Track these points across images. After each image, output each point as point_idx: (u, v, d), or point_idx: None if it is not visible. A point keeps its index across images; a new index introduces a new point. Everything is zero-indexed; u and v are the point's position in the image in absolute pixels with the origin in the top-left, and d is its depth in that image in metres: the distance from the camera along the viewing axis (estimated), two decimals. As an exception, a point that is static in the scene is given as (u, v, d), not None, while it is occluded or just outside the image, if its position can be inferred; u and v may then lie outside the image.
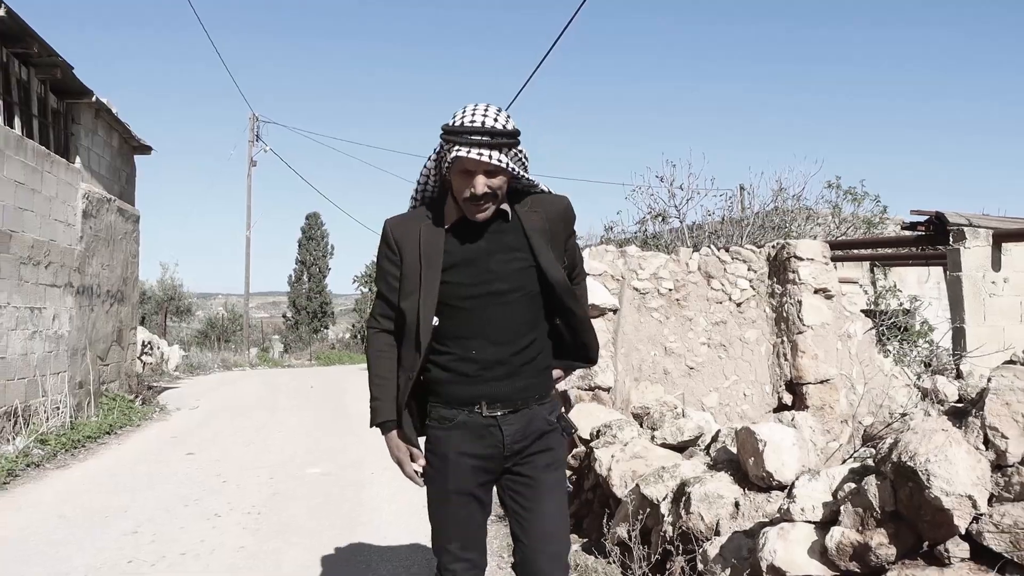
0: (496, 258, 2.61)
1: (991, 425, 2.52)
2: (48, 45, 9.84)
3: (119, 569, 4.84)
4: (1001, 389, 2.54)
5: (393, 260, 2.67)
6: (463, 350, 2.60)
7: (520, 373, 2.61)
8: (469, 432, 2.61)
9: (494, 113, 2.49)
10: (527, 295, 2.62)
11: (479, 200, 2.50)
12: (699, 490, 3.66)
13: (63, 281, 10.33)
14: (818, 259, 7.13)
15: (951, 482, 2.44)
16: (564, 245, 2.74)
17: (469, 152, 2.43)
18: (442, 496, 2.65)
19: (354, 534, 5.53)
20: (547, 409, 2.68)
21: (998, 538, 2.43)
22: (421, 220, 2.67)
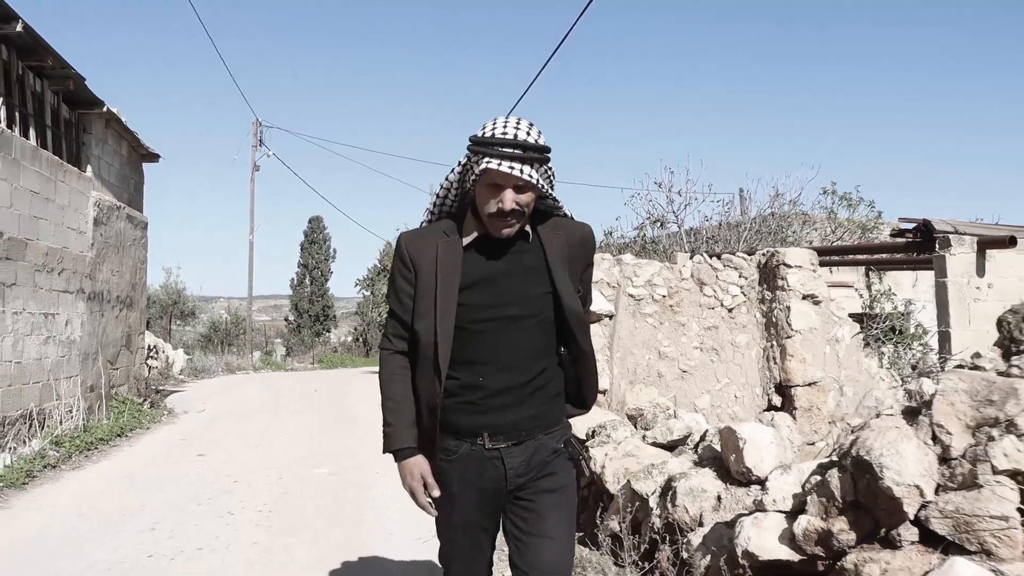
0: (514, 280, 2.51)
1: (938, 423, 2.81)
2: (61, 57, 10.15)
3: (140, 563, 5.12)
4: (947, 391, 2.83)
5: (408, 278, 2.55)
6: (471, 376, 2.50)
7: (527, 401, 2.51)
8: (473, 465, 2.52)
9: (527, 127, 2.41)
10: (542, 322, 2.53)
11: (506, 216, 2.41)
12: (684, 485, 3.96)
13: (75, 287, 10.63)
14: (806, 266, 7.42)
15: (901, 473, 2.73)
16: (580, 275, 2.64)
17: (500, 165, 2.35)
18: (448, 528, 2.60)
19: (361, 532, 5.82)
20: (555, 438, 2.57)
21: (942, 523, 2.71)
22: (438, 236, 2.56)
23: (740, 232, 17.51)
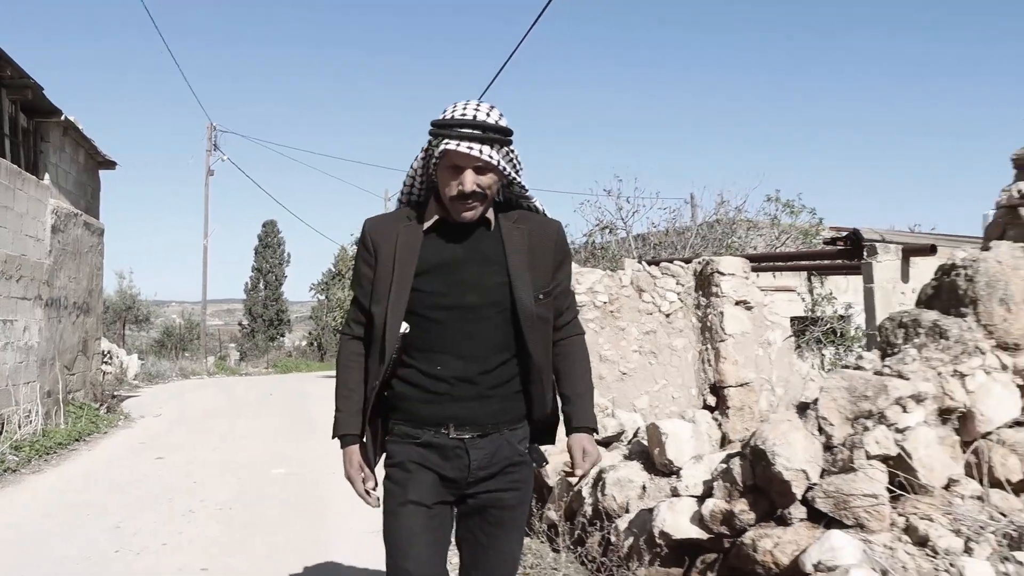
0: (470, 268, 2.47)
1: (822, 416, 3.24)
2: (20, 68, 10.34)
3: (107, 557, 5.40)
4: (830, 388, 3.27)
5: (368, 262, 2.55)
6: (429, 365, 2.46)
7: (490, 395, 2.47)
8: (435, 451, 2.47)
9: (486, 108, 2.41)
10: (501, 313, 2.46)
11: (467, 198, 2.39)
12: (613, 476, 4.37)
13: (33, 294, 10.80)
14: (739, 274, 7.89)
15: (790, 460, 3.15)
16: (551, 275, 2.56)
17: (459, 145, 2.34)
18: (401, 508, 2.47)
19: (316, 525, 6.16)
20: (517, 436, 2.53)
21: (825, 502, 3.14)
22: (401, 221, 2.55)
23: (687, 238, 18.07)
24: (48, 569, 5.09)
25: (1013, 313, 3.35)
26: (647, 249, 17.87)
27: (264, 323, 48.98)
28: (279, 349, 46.94)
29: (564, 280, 2.63)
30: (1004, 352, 3.38)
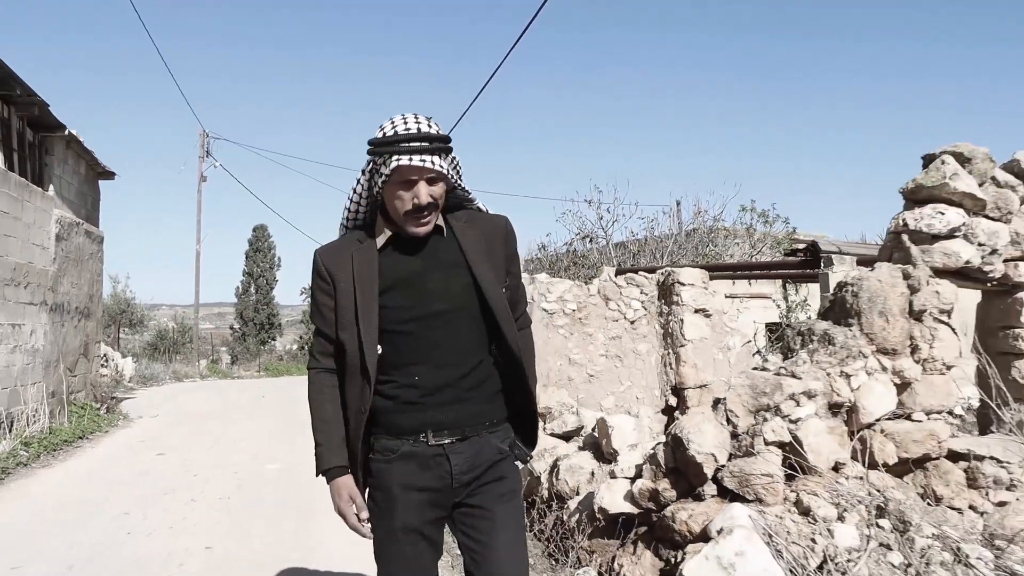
0: (434, 276, 2.47)
1: (730, 409, 3.90)
2: (28, 86, 10.95)
3: (120, 539, 6.02)
4: (736, 386, 3.93)
5: (327, 291, 2.53)
6: (406, 377, 2.46)
7: (468, 398, 2.47)
8: (415, 463, 2.46)
9: (425, 120, 2.41)
10: (469, 314, 2.47)
11: (423, 211, 2.40)
12: (566, 463, 5.02)
13: (39, 299, 11.40)
14: (698, 284, 8.57)
15: (702, 445, 3.81)
16: (506, 269, 2.58)
17: (411, 160, 2.34)
18: (389, 535, 2.48)
19: (308, 515, 6.78)
20: (499, 437, 2.53)
21: (732, 480, 3.79)
22: (352, 245, 2.53)
23: (665, 246, 18.75)
24: (68, 551, 5.70)
25: (891, 324, 4.01)
26: (626, 257, 18.55)
27: (255, 327, 49.14)
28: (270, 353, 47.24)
29: (516, 271, 2.66)
30: (884, 356, 4.05)
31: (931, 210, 4.25)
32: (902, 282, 4.08)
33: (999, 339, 4.71)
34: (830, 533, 3.48)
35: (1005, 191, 4.44)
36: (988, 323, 4.78)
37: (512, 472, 2.56)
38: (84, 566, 5.31)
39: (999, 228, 4.37)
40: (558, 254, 18.95)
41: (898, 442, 4.03)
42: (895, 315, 4.01)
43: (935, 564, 3.41)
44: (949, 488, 4.20)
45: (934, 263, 4.22)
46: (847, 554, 3.39)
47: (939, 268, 4.23)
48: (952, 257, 4.21)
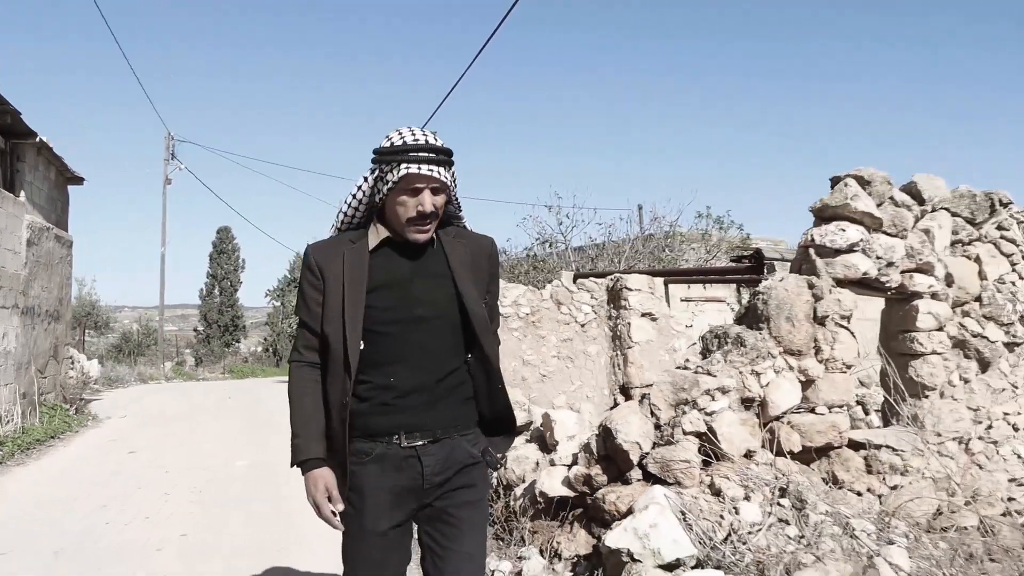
0: (419, 283, 2.57)
1: (653, 403, 4.43)
2: (1, 96, 11.26)
3: (99, 529, 6.43)
4: (660, 383, 4.45)
5: (316, 285, 2.59)
6: (382, 377, 2.54)
7: (440, 402, 2.55)
8: (388, 464, 2.53)
9: (431, 134, 2.53)
10: (449, 323, 2.57)
11: (426, 218, 2.50)
12: (513, 454, 5.53)
13: (11, 303, 11.71)
14: (644, 290, 9.12)
15: (628, 435, 4.33)
16: (487, 287, 2.70)
17: (420, 168, 2.45)
18: (358, 535, 2.55)
19: (278, 504, 7.23)
20: (470, 441, 2.61)
21: (655, 466, 4.31)
22: (344, 245, 2.62)
23: (622, 251, 19.35)
24: (53, 541, 6.09)
25: (796, 328, 4.56)
26: (585, 261, 19.12)
27: (219, 329, 49.02)
28: (235, 355, 47.28)
29: (495, 291, 2.79)
30: (790, 356, 4.60)
31: (834, 227, 4.81)
32: (807, 291, 4.63)
33: (899, 342, 5.28)
34: (736, 511, 4.01)
35: (902, 210, 5.01)
36: (890, 328, 5.35)
37: (482, 480, 2.66)
38: (69, 552, 5.72)
39: (895, 243, 4.93)
40: (518, 259, 19.46)
41: (803, 432, 4.57)
42: (800, 320, 4.56)
43: (826, 536, 3.95)
44: (849, 474, 4.76)
45: (836, 274, 4.77)
46: (749, 527, 3.92)
47: (841, 279, 4.78)
48: (852, 269, 4.77)
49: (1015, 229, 5.61)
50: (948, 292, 5.26)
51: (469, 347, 2.60)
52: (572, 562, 4.46)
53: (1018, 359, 5.52)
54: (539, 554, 4.58)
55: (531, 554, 4.59)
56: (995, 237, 5.55)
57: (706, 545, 3.76)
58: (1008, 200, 5.63)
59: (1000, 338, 5.42)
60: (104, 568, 5.33)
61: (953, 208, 5.40)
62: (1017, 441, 5.42)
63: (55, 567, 5.38)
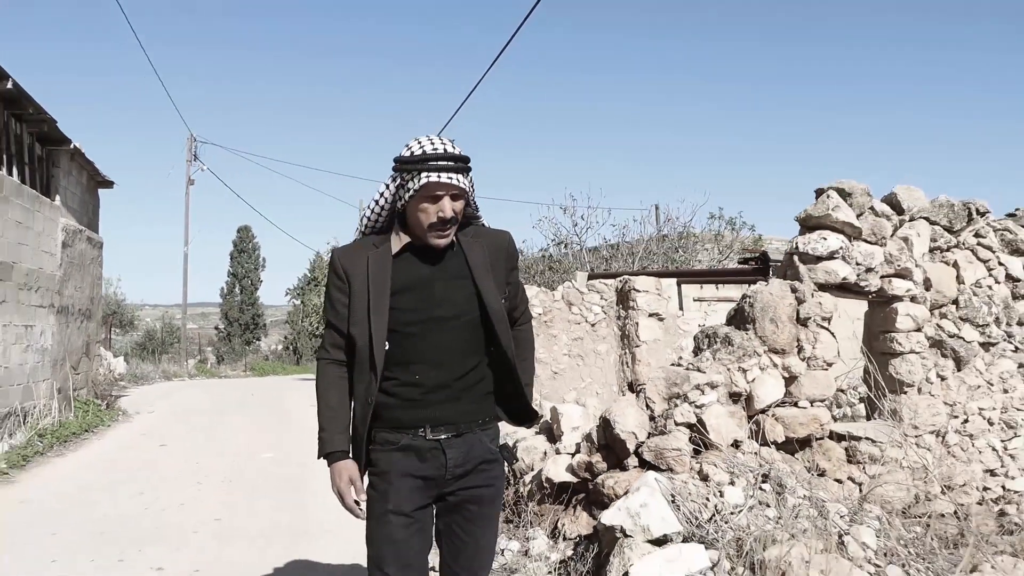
0: (440, 285, 2.69)
1: (648, 396, 4.86)
2: (39, 105, 11.80)
3: (138, 513, 6.92)
4: (654, 378, 4.88)
5: (342, 288, 2.71)
6: (407, 375, 2.67)
7: (462, 397, 2.70)
8: (413, 454, 2.68)
9: (449, 142, 2.63)
10: (469, 322, 2.69)
11: (447, 224, 2.62)
12: (524, 444, 5.97)
13: (48, 302, 12.26)
14: (652, 291, 9.54)
15: (625, 426, 4.76)
16: (506, 279, 2.82)
17: (440, 177, 2.56)
18: (381, 517, 2.68)
19: (302, 493, 7.71)
20: (489, 435, 2.78)
21: (649, 454, 4.73)
22: (368, 249, 2.74)
23: (636, 251, 19.77)
24: (94, 524, 6.58)
25: (779, 328, 4.98)
26: (599, 262, 19.54)
27: (240, 327, 49.64)
28: (255, 353, 47.92)
29: (516, 280, 2.93)
30: (774, 355, 5.01)
31: (816, 236, 5.21)
32: (791, 295, 5.04)
33: (880, 341, 5.67)
34: (721, 494, 4.43)
35: (881, 220, 5.41)
36: (872, 329, 5.74)
37: (499, 479, 2.83)
38: (112, 533, 6.22)
39: (875, 250, 5.34)
40: (534, 259, 19.90)
41: (786, 424, 4.98)
42: (784, 321, 4.98)
43: (802, 518, 4.37)
44: (831, 463, 5.17)
45: (818, 279, 5.18)
46: (732, 509, 4.34)
47: (823, 283, 5.19)
48: (832, 275, 5.18)
49: (991, 236, 6.00)
50: (926, 295, 5.66)
51: (489, 342, 2.75)
52: (574, 541, 4.89)
53: (993, 358, 5.91)
54: (544, 535, 5.03)
55: (538, 534, 5.03)
56: (972, 244, 5.94)
57: (692, 523, 4.19)
58: (985, 209, 6.02)
59: (976, 338, 5.82)
60: (146, 547, 5.81)
61: (932, 217, 5.80)
62: (992, 435, 5.81)
63: (101, 545, 5.87)
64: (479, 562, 2.80)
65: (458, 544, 2.77)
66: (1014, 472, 5.85)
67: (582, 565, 4.38)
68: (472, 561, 2.78)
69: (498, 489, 2.84)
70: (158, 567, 5.36)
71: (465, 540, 2.77)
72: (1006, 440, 5.88)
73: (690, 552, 3.81)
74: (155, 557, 5.58)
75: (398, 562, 2.67)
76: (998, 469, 5.83)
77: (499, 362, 2.78)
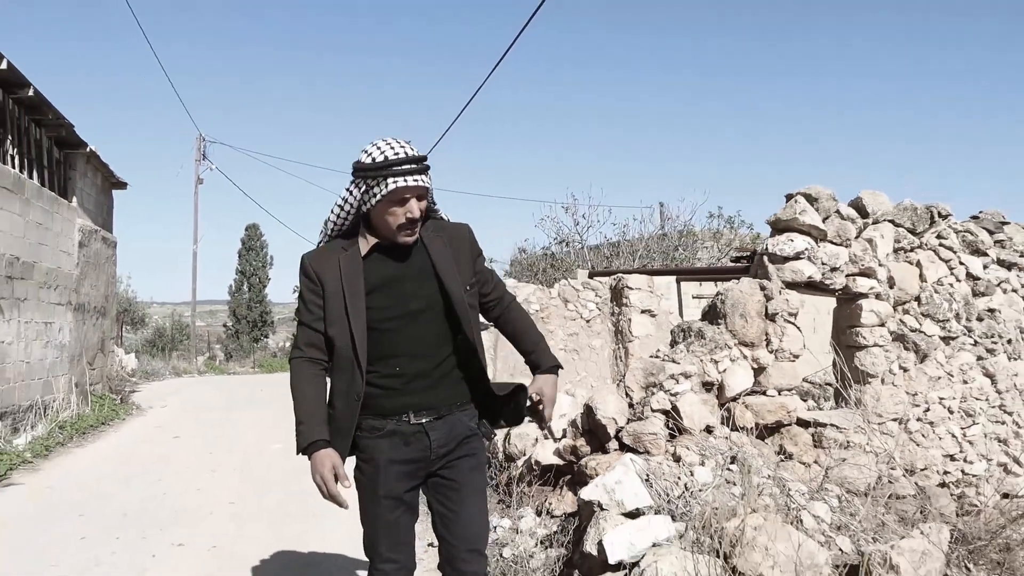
0: (409, 280, 2.82)
1: (628, 385, 5.30)
2: (58, 111, 12.28)
3: (157, 499, 7.39)
4: (633, 368, 5.32)
5: (315, 291, 2.83)
6: (388, 368, 2.81)
7: (441, 384, 2.86)
8: (399, 439, 2.82)
9: (407, 144, 2.74)
10: (439, 313, 2.84)
11: (415, 223, 2.75)
12: (515, 431, 6.42)
13: (65, 300, 12.75)
14: (644, 289, 9.97)
15: (606, 412, 5.20)
16: (472, 267, 2.96)
17: (407, 180, 2.66)
18: (373, 501, 2.85)
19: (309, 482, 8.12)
20: (468, 415, 2.93)
21: (628, 438, 5.16)
22: (337, 252, 2.85)
23: (636, 249, 20.20)
24: (117, 508, 7.05)
25: (749, 323, 5.42)
26: (600, 260, 19.98)
27: (248, 324, 49.89)
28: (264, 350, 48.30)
29: (482, 267, 3.05)
30: (744, 347, 5.45)
31: (784, 238, 5.66)
32: (759, 292, 5.48)
33: (847, 335, 6.10)
34: (691, 473, 4.88)
35: (846, 223, 5.85)
36: (840, 323, 6.17)
37: (480, 449, 2.99)
38: (135, 515, 6.69)
39: (840, 251, 5.77)
40: (536, 257, 20.34)
41: (755, 412, 5.42)
42: (753, 317, 5.42)
43: (765, 495, 4.81)
44: (798, 448, 5.61)
45: (785, 278, 5.62)
46: (701, 486, 4.78)
47: (790, 282, 5.63)
48: (798, 274, 5.62)
49: (953, 238, 6.43)
50: (890, 293, 6.09)
51: (456, 331, 2.88)
52: (561, 519, 5.35)
53: (953, 351, 6.34)
54: (533, 513, 5.48)
55: (527, 513, 5.48)
56: (935, 245, 6.37)
57: (663, 499, 4.63)
58: (947, 212, 6.45)
59: (937, 333, 6.25)
60: (167, 527, 6.28)
61: (897, 219, 6.23)
62: (952, 422, 6.25)
63: (126, 525, 6.34)
64: (472, 530, 2.91)
65: (450, 516, 2.90)
66: (972, 457, 6.28)
67: (564, 537, 4.84)
68: (466, 530, 2.89)
69: (480, 458, 2.98)
70: (179, 543, 5.83)
71: (457, 511, 2.89)
72: (965, 427, 6.31)
73: (658, 522, 4.25)
74: (176, 535, 6.04)
75: (391, 542, 2.86)
76: (957, 454, 6.26)
77: (465, 353, 2.91)
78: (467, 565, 2.88)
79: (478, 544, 2.93)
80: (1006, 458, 6.64)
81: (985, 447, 6.43)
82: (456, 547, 2.89)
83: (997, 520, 5.12)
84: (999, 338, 6.67)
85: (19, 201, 10.73)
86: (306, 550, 5.66)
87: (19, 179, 10.82)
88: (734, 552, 3.79)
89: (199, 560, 5.43)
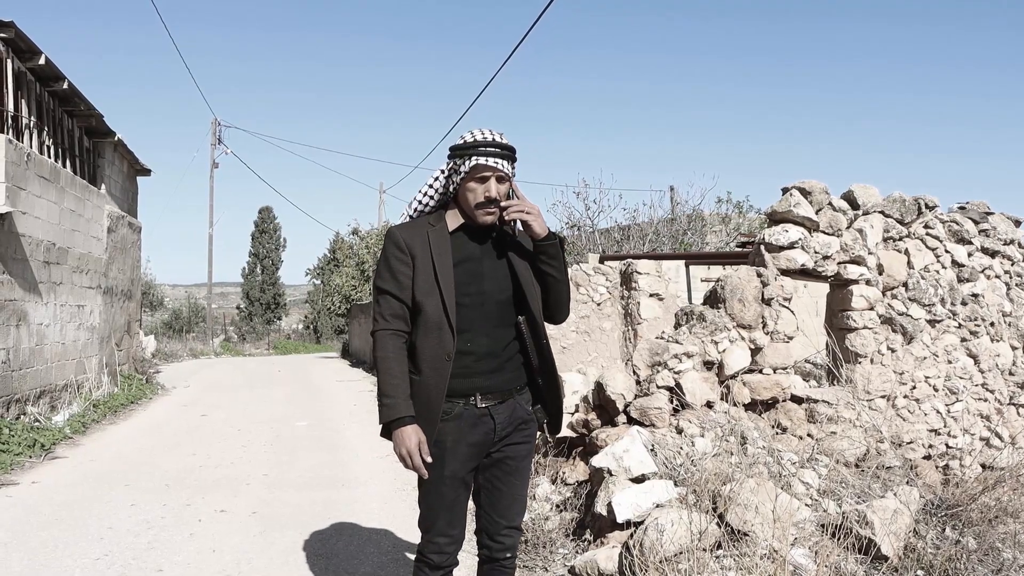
0: (487, 261, 2.97)
1: (635, 364, 5.78)
2: (89, 102, 12.79)
3: (195, 469, 7.91)
4: (640, 349, 5.80)
5: (404, 261, 2.92)
6: (462, 343, 2.89)
7: (505, 367, 2.97)
8: (466, 422, 2.91)
9: (498, 133, 2.93)
10: (508, 296, 2.97)
11: (492, 203, 2.89)
12: (531, 407, 6.91)
13: (95, 284, 13.29)
14: (652, 274, 10.43)
15: (615, 388, 5.68)
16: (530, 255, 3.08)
17: (487, 160, 2.85)
18: (439, 481, 2.92)
19: (336, 453, 8.69)
20: (524, 399, 3.06)
21: (636, 412, 5.64)
22: (423, 226, 2.99)
23: (646, 233, 20.62)
24: (159, 478, 7.57)
25: (746, 307, 5.89)
26: (611, 244, 20.42)
27: (261, 307, 50.51)
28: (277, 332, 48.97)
29: None
30: (742, 329, 5.92)
31: (780, 228, 6.11)
32: (756, 279, 5.95)
33: (838, 318, 6.56)
34: (692, 444, 5.36)
35: (838, 215, 6.30)
36: (832, 307, 6.63)
37: (533, 436, 3.15)
38: (176, 483, 7.21)
39: (831, 241, 6.23)
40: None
41: (752, 388, 5.89)
42: (750, 301, 5.89)
43: (759, 463, 5.30)
44: (792, 422, 6.08)
45: (780, 266, 6.07)
46: (701, 455, 5.27)
47: (785, 269, 6.09)
48: (792, 262, 6.07)
49: (939, 228, 6.88)
50: (879, 279, 6.54)
51: (520, 312, 3.01)
52: (574, 486, 5.84)
53: (939, 333, 6.80)
54: (548, 481, 5.98)
55: (542, 481, 5.98)
56: (922, 234, 6.81)
57: (667, 467, 5.12)
58: (934, 204, 6.88)
59: (923, 316, 6.70)
60: (208, 494, 6.80)
61: (886, 211, 6.67)
62: (936, 400, 6.71)
63: (170, 492, 6.86)
64: (515, 509, 3.09)
65: (496, 496, 3.06)
66: (956, 432, 6.75)
67: (577, 501, 5.34)
68: (509, 509, 3.07)
69: (532, 447, 3.15)
70: (221, 509, 6.34)
71: (504, 491, 3.05)
72: (949, 404, 6.78)
73: (661, 486, 4.74)
74: (217, 502, 6.56)
75: (450, 518, 2.98)
76: (941, 429, 6.73)
77: (531, 329, 3.02)
78: (506, 539, 3.09)
79: (517, 521, 3.13)
80: (988, 432, 7.11)
81: (968, 422, 6.89)
82: (498, 523, 3.07)
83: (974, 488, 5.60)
84: (982, 321, 7.12)
85: (55, 189, 11.24)
86: (338, 513, 6.16)
87: (55, 168, 11.34)
88: (727, 510, 4.27)
89: (242, 524, 5.94)
